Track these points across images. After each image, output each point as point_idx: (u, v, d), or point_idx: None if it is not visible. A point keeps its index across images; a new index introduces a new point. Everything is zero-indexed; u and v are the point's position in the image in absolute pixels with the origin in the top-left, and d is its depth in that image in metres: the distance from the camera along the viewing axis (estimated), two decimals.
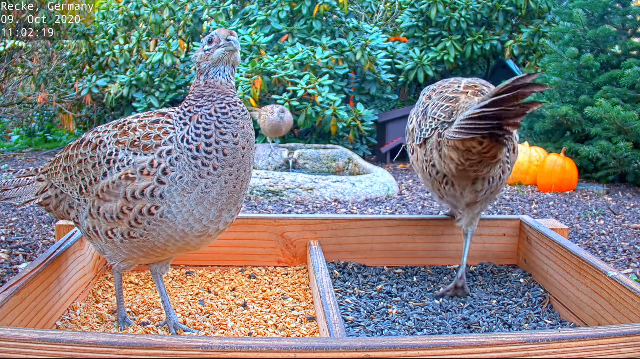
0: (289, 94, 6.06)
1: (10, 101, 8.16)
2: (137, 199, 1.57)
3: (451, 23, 6.94)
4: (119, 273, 1.83)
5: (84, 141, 1.76)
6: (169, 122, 1.62)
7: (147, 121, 1.64)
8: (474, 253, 2.44)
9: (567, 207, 4.31)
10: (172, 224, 1.59)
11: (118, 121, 1.74)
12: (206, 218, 1.61)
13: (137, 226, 1.60)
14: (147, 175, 1.56)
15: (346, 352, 1.29)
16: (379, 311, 1.97)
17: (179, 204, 1.57)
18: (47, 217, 3.70)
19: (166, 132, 1.59)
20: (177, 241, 1.63)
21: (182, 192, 1.56)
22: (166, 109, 1.70)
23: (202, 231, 1.63)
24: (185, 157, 1.56)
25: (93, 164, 1.67)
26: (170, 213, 1.58)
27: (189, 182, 1.56)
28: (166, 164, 1.56)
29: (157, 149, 1.58)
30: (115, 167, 1.61)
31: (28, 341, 1.27)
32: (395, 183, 4.87)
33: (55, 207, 1.88)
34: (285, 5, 6.75)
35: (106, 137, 1.68)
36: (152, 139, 1.59)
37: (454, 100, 1.96)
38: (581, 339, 1.35)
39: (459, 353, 1.31)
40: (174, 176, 1.56)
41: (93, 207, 1.66)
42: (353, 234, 2.41)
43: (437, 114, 1.96)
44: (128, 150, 1.60)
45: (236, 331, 1.82)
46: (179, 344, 1.27)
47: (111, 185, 1.60)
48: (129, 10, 7.73)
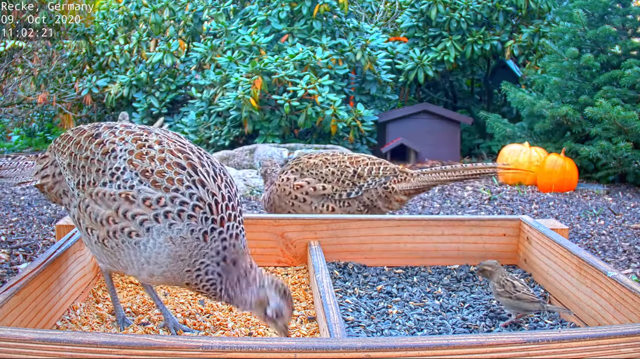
0: (289, 94, 6.06)
1: (10, 101, 8.17)
2: (126, 219, 1.57)
3: (451, 23, 6.94)
4: (106, 272, 1.83)
5: (98, 135, 1.71)
6: (195, 185, 1.59)
7: (169, 158, 1.61)
8: (474, 253, 2.44)
9: (567, 207, 4.31)
10: (138, 255, 1.60)
11: (139, 134, 1.69)
12: (157, 269, 1.62)
13: (113, 239, 1.61)
14: (148, 206, 1.55)
15: (346, 352, 1.29)
16: (379, 311, 1.97)
17: (157, 244, 1.57)
18: (47, 217, 3.70)
19: (181, 182, 1.57)
20: (132, 268, 1.65)
21: (166, 238, 1.56)
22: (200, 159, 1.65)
23: (150, 273, 1.64)
24: (193, 238, 1.57)
25: (97, 168, 1.65)
26: (144, 245, 1.58)
27: (180, 240, 1.56)
28: (173, 211, 1.55)
29: (166, 192, 1.56)
30: (116, 184, 1.59)
31: (28, 341, 1.27)
32: None
33: (50, 189, 1.85)
34: (285, 5, 6.76)
35: (119, 149, 1.64)
36: (165, 180, 1.57)
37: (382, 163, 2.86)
38: (581, 339, 1.35)
39: (459, 353, 1.31)
40: (172, 223, 1.55)
41: (82, 203, 1.67)
42: (353, 234, 2.41)
43: (379, 173, 2.79)
44: (136, 174, 1.58)
45: (236, 331, 1.82)
46: (179, 344, 1.27)
47: (107, 195, 1.60)
48: (129, 10, 7.73)
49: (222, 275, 1.60)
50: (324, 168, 2.75)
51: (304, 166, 2.80)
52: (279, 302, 1.57)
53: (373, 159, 2.83)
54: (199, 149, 1.72)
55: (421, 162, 6.76)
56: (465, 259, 2.43)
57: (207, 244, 1.58)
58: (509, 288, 1.91)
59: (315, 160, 2.80)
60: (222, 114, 6.52)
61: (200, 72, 7.17)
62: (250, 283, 1.61)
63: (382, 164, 2.79)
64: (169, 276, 1.63)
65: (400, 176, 2.71)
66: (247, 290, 1.61)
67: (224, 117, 6.52)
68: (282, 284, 1.60)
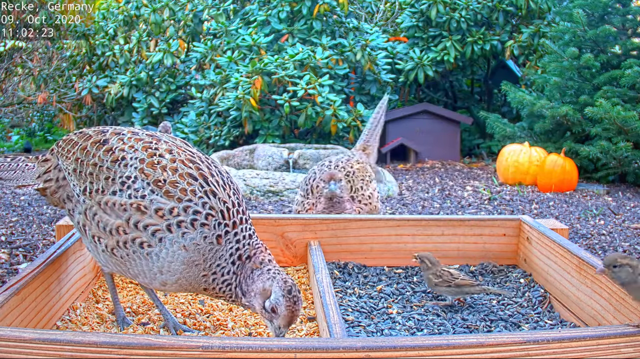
0: (289, 94, 6.06)
1: (10, 101, 8.17)
2: (138, 229, 1.56)
3: (451, 23, 6.94)
4: (107, 273, 1.83)
5: (106, 142, 1.69)
6: (207, 195, 1.59)
7: (181, 169, 1.61)
8: (474, 253, 2.44)
9: (567, 207, 4.31)
10: (150, 264, 1.60)
11: (148, 141, 1.68)
12: (170, 276, 1.61)
13: (123, 249, 1.60)
14: (160, 217, 1.55)
15: (346, 352, 1.29)
16: (379, 311, 1.97)
17: (171, 253, 1.57)
18: (47, 217, 3.70)
19: (194, 192, 1.57)
20: (144, 277, 1.65)
21: (180, 246, 1.56)
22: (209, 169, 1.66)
23: (163, 282, 1.64)
24: (207, 246, 1.57)
25: (106, 176, 1.63)
26: (156, 255, 1.58)
27: (194, 247, 1.57)
28: (186, 220, 1.55)
29: (179, 202, 1.56)
30: (126, 193, 1.58)
31: (28, 341, 1.27)
32: (395, 183, 4.87)
33: (53, 193, 1.82)
34: (285, 5, 6.76)
35: (129, 157, 1.63)
36: (178, 190, 1.57)
37: None
38: (581, 339, 1.35)
39: (459, 353, 1.31)
40: (185, 231, 1.56)
41: (89, 210, 1.65)
42: (353, 234, 2.41)
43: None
44: (147, 184, 1.58)
45: (236, 331, 1.82)
46: (179, 344, 1.27)
47: (118, 205, 1.59)
48: (129, 10, 7.73)
49: (236, 273, 1.60)
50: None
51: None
52: (280, 298, 1.56)
53: None
54: (207, 158, 1.72)
55: (421, 162, 6.76)
56: (465, 259, 2.43)
57: (221, 247, 1.59)
58: (446, 277, 2.03)
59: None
60: (222, 114, 6.52)
61: (200, 72, 7.17)
62: (263, 273, 1.61)
63: None
64: (184, 283, 1.63)
65: None
66: (258, 279, 1.60)
67: (224, 117, 6.52)
68: (292, 285, 1.58)
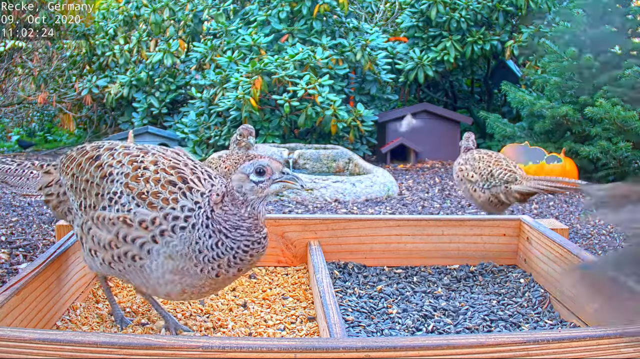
0: (289, 94, 6.06)
1: (10, 101, 8.17)
2: (127, 243, 1.58)
3: (451, 23, 6.94)
4: (100, 274, 1.84)
5: (98, 157, 1.71)
6: (185, 195, 1.57)
7: (163, 178, 1.60)
8: (474, 253, 2.44)
9: (567, 207, 4.31)
10: (147, 276, 1.61)
11: (136, 155, 1.67)
12: (172, 287, 1.61)
13: (119, 262, 1.62)
14: (145, 229, 1.56)
15: (346, 352, 1.29)
16: (379, 311, 1.97)
17: (159, 264, 1.58)
18: (47, 217, 3.70)
19: (176, 200, 1.57)
20: (147, 288, 1.66)
21: (165, 256, 1.56)
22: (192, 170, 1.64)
23: (167, 293, 1.65)
24: (187, 244, 1.55)
25: (96, 192, 1.65)
26: (149, 267, 1.59)
27: (177, 254, 1.56)
28: (167, 228, 1.55)
29: (161, 211, 1.56)
30: (114, 208, 1.60)
31: (28, 341, 1.27)
32: (395, 183, 4.87)
33: (55, 207, 1.88)
34: (285, 5, 6.76)
35: (116, 172, 1.64)
36: (160, 200, 1.57)
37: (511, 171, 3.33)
38: (581, 339, 1.35)
39: (459, 353, 1.31)
40: (169, 240, 1.55)
41: (85, 225, 1.68)
42: (353, 234, 2.41)
43: (504, 176, 3.31)
44: (132, 198, 1.58)
45: (236, 331, 1.82)
46: (179, 344, 1.27)
47: (107, 220, 1.60)
48: (129, 10, 7.73)
49: (215, 227, 1.55)
50: (479, 162, 3.43)
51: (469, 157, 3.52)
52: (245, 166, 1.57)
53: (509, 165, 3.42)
54: (195, 162, 1.70)
55: (421, 162, 6.75)
56: (465, 259, 2.43)
57: (195, 230, 1.55)
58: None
59: (477, 155, 3.50)
60: (222, 114, 6.52)
61: (200, 72, 7.17)
62: (219, 192, 1.60)
63: (510, 171, 3.37)
64: (190, 287, 1.62)
65: (519, 180, 3.34)
66: (228, 202, 1.57)
67: (224, 117, 6.52)
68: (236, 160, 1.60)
